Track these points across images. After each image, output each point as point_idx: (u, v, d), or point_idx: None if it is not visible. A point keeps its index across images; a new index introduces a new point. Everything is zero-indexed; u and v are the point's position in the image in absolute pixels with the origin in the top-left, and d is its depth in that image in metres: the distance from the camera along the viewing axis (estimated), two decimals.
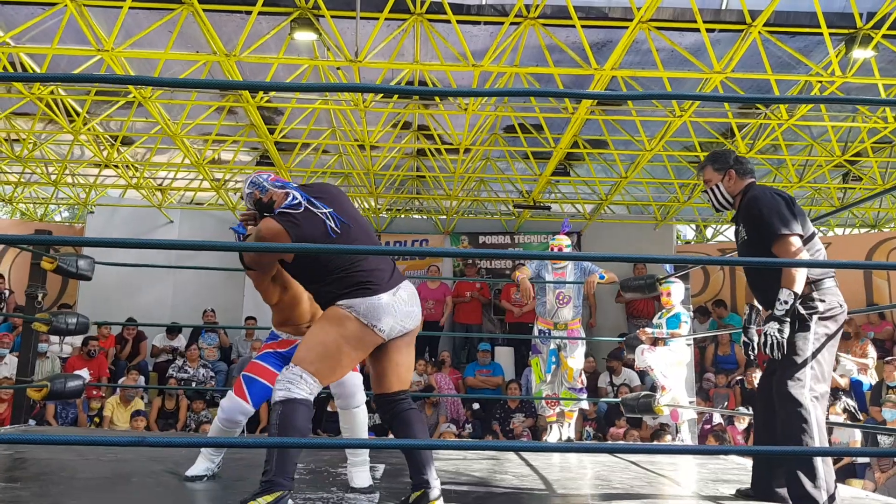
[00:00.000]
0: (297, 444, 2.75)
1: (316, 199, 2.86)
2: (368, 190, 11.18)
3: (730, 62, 6.80)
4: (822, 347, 3.00)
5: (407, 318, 2.86)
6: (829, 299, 3.05)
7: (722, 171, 3.31)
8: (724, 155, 3.37)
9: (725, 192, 3.31)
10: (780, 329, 2.93)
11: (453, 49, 6.97)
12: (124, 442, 2.84)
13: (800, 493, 2.82)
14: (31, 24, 6.85)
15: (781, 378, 2.99)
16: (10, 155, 10.14)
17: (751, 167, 3.33)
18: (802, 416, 2.89)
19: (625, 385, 9.45)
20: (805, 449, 2.84)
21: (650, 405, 5.62)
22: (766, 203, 3.09)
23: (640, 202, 12.16)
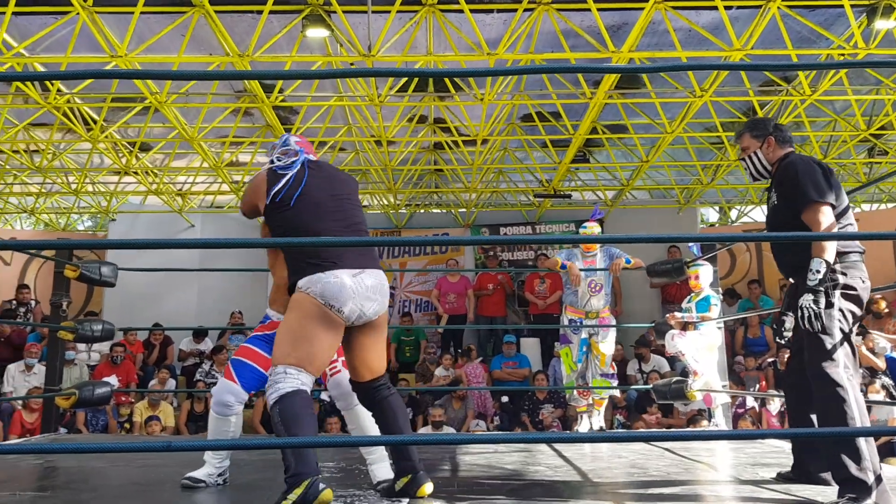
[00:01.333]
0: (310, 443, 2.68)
1: (311, 173, 2.96)
2: (387, 186, 11.13)
3: (749, 39, 6.66)
4: (848, 324, 2.90)
5: (366, 304, 2.83)
6: (851, 273, 2.95)
7: (761, 137, 3.21)
8: (764, 122, 3.26)
9: (764, 159, 3.21)
10: (815, 300, 2.82)
11: (467, 39, 6.90)
12: (141, 448, 2.80)
13: (845, 475, 2.72)
14: (45, 34, 6.86)
15: (814, 358, 2.89)
16: (31, 165, 10.21)
17: (790, 136, 3.23)
18: (841, 395, 2.78)
19: (654, 372, 9.34)
20: (843, 430, 2.74)
21: (682, 391, 5.53)
22: (802, 168, 3.00)
23: (662, 186, 12.01)
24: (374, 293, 2.84)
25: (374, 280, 2.85)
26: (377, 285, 2.86)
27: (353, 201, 3.04)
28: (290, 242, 2.92)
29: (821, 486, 3.04)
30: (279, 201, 2.91)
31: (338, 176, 3.09)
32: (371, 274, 2.85)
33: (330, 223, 2.89)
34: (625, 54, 6.87)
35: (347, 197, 3.02)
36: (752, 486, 3.30)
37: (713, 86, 7.77)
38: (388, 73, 2.49)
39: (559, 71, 2.61)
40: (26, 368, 8.82)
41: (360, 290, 2.80)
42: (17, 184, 11.64)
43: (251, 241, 2.52)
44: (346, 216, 2.95)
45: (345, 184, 3.07)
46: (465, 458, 4.17)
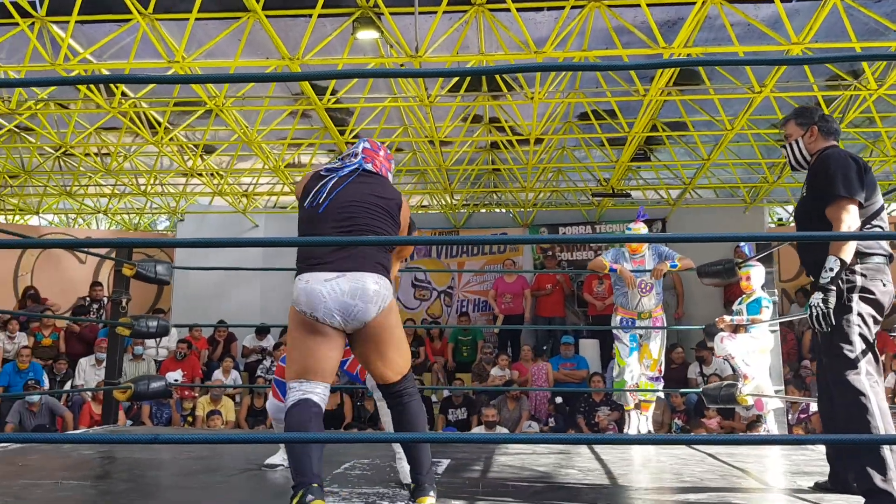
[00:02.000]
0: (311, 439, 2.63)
1: (354, 181, 2.91)
2: (443, 186, 11.16)
3: (809, 32, 6.43)
4: (870, 329, 2.78)
5: (343, 309, 2.69)
6: (871, 275, 2.82)
7: (805, 126, 3.13)
8: (810, 111, 3.17)
9: (804, 148, 3.11)
10: (824, 299, 2.72)
11: (516, 38, 6.87)
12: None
13: (869, 487, 2.62)
14: (109, 41, 7.14)
15: (834, 366, 2.79)
16: (101, 168, 10.63)
17: (836, 128, 3.11)
18: (863, 404, 2.68)
19: (715, 375, 9.11)
20: (868, 438, 2.62)
21: (733, 395, 5.37)
22: (836, 161, 2.90)
23: (727, 185, 11.71)
24: (351, 298, 2.69)
25: (352, 284, 2.69)
26: (356, 289, 2.69)
27: (373, 212, 2.87)
28: (296, 241, 2.90)
29: (856, 495, 2.93)
30: (312, 205, 2.86)
31: (376, 190, 2.93)
32: (351, 278, 2.70)
33: (328, 228, 2.79)
34: (679, 50, 6.72)
35: (369, 207, 2.86)
36: (782, 495, 3.21)
37: (772, 80, 7.53)
38: (424, 74, 2.50)
39: (599, 68, 2.55)
40: (97, 362, 9.19)
41: (333, 294, 2.68)
42: (92, 185, 12.13)
43: (254, 239, 2.57)
44: (351, 222, 2.82)
45: (377, 196, 2.91)
46: (500, 459, 4.15)
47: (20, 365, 8.84)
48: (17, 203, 12.98)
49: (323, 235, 2.78)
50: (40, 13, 6.84)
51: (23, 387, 8.52)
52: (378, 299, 2.73)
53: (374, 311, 2.73)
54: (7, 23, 6.95)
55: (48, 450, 4.25)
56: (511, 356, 10.20)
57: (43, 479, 3.35)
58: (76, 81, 2.62)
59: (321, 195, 2.85)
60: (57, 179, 11.83)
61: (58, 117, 9.44)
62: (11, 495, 2.98)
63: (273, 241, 2.70)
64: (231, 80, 3.48)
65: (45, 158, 11.22)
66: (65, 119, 9.40)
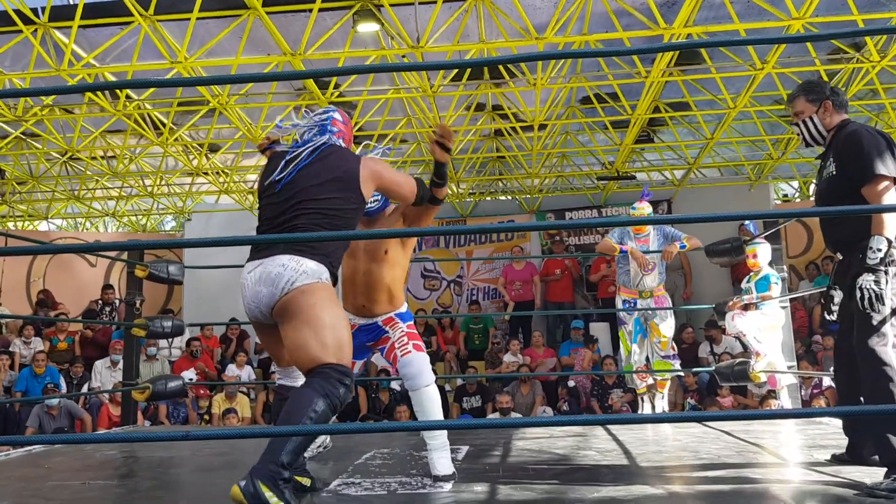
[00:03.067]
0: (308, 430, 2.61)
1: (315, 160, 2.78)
2: (449, 175, 11.17)
3: (809, 7, 6.42)
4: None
5: (254, 297, 2.65)
6: None
7: (817, 101, 3.06)
8: (819, 85, 3.11)
9: (820, 124, 3.06)
10: (875, 280, 2.71)
11: (516, 25, 6.87)
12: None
13: (892, 457, 2.65)
14: (111, 44, 7.18)
15: (862, 336, 2.79)
16: (107, 171, 10.69)
17: (846, 100, 3.08)
18: (888, 374, 2.70)
19: (726, 353, 9.14)
20: (888, 408, 2.65)
21: (745, 372, 5.41)
22: (868, 140, 2.84)
23: (731, 163, 11.70)
24: (261, 284, 2.62)
25: (262, 269, 2.62)
26: (263, 274, 2.61)
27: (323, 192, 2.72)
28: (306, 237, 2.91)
29: (873, 467, 2.96)
30: (266, 187, 2.80)
31: (328, 164, 2.78)
32: (264, 263, 2.63)
33: (277, 211, 2.72)
34: (679, 30, 6.72)
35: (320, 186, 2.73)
36: (801, 469, 3.24)
37: (773, 57, 7.52)
38: (426, 67, 2.53)
39: (601, 54, 2.55)
40: (112, 364, 9.26)
41: (248, 284, 2.66)
42: (99, 189, 12.20)
43: (237, 238, 2.60)
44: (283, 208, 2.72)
45: (331, 171, 2.77)
46: (517, 444, 4.20)
47: (37, 370, 8.92)
48: (27, 209, 13.06)
49: (270, 218, 2.73)
50: (43, 19, 6.88)
51: (41, 391, 8.60)
52: (281, 281, 2.59)
53: (278, 293, 2.59)
54: (10, 30, 6.99)
55: (71, 451, 4.32)
56: (522, 342, 10.25)
57: (70, 480, 3.40)
58: (82, 89, 2.64)
59: (277, 175, 2.77)
60: (64, 184, 11.90)
61: (63, 122, 9.49)
62: (42, 497, 3.04)
63: (283, 239, 2.72)
64: (234, 80, 3.50)
65: (53, 164, 11.29)
66: (70, 124, 9.46)
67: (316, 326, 2.54)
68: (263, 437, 2.66)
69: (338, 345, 2.56)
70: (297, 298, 2.57)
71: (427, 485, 3.04)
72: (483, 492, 2.89)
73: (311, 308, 2.56)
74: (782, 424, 4.70)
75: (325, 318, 2.56)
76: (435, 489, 2.95)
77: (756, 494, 2.69)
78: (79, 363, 9.53)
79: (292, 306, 2.57)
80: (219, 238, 2.84)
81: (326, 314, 2.57)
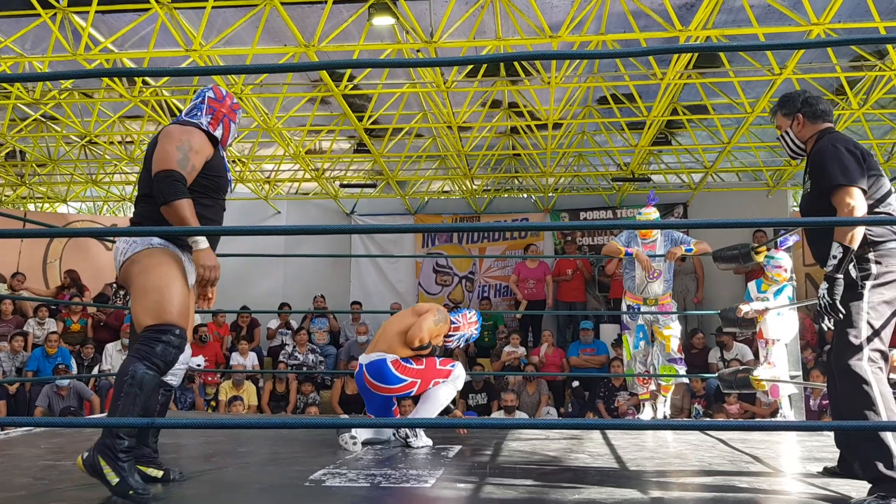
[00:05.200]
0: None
1: None
2: (463, 171, 11.17)
3: (830, 12, 6.33)
4: (880, 315, 2.73)
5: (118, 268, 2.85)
6: (886, 262, 2.77)
7: (790, 116, 3.06)
8: (792, 98, 3.09)
9: (795, 137, 3.05)
10: (829, 289, 2.70)
11: (531, 23, 6.84)
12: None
13: (875, 474, 2.61)
14: (129, 30, 7.23)
15: (838, 351, 2.77)
16: (124, 156, 10.77)
17: (823, 108, 3.02)
18: (865, 391, 2.66)
19: (736, 360, 9.07)
20: (868, 424, 2.62)
21: (748, 380, 5.36)
22: (829, 154, 2.82)
23: (750, 168, 11.58)
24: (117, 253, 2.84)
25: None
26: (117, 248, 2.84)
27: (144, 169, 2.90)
28: (312, 229, 2.94)
29: (863, 481, 2.92)
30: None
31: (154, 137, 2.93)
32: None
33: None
34: (696, 32, 6.66)
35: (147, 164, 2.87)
36: (790, 480, 3.21)
37: (792, 62, 7.43)
38: (439, 63, 2.52)
39: (617, 55, 2.53)
40: (123, 348, 9.34)
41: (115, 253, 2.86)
42: (117, 173, 12.31)
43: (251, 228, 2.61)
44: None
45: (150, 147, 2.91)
46: (511, 444, 4.19)
47: (49, 350, 9.03)
48: (46, 191, 13.21)
49: None
50: (62, 4, 6.94)
51: (52, 371, 8.70)
52: (117, 254, 2.81)
53: (118, 266, 2.82)
54: (30, 14, 7.06)
55: (72, 433, 4.36)
56: (523, 337, 10.24)
57: (63, 461, 3.43)
58: (98, 74, 2.67)
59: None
60: (83, 168, 12.01)
61: (82, 106, 9.57)
62: (31, 476, 3.07)
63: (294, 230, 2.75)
64: (248, 70, 3.51)
65: (71, 147, 11.40)
66: (88, 108, 9.54)
67: (139, 293, 2.70)
68: (256, 427, 2.67)
69: (157, 306, 2.65)
70: (127, 269, 2.77)
71: (411, 479, 3.04)
72: (465, 489, 2.89)
73: (136, 276, 2.72)
74: (783, 435, 4.65)
75: (147, 283, 2.69)
76: (418, 484, 2.95)
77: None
78: (89, 345, 9.63)
79: (125, 275, 2.78)
80: (230, 227, 2.88)
81: (149, 278, 2.69)
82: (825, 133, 2.99)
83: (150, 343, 2.58)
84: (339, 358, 10.42)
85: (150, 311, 2.64)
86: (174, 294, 2.68)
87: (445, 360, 4.20)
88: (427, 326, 4.04)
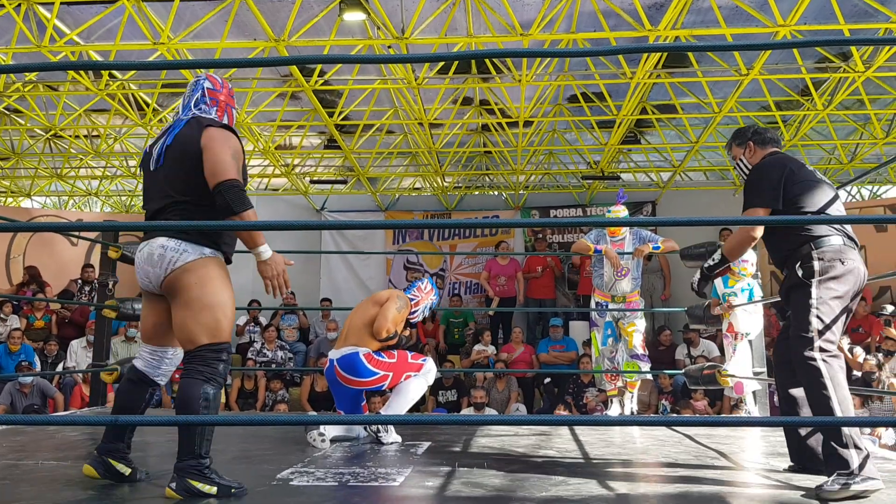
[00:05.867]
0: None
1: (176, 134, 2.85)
2: (434, 168, 11.16)
3: (796, 14, 6.43)
4: (830, 310, 2.88)
5: (144, 275, 2.81)
6: (828, 257, 2.92)
7: (742, 145, 3.35)
8: (743, 131, 3.41)
9: (747, 162, 3.31)
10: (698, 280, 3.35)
11: (502, 21, 6.85)
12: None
13: (834, 462, 2.71)
14: (95, 22, 7.11)
15: (795, 345, 2.91)
16: (90, 150, 10.61)
17: (771, 136, 3.33)
18: (820, 380, 2.79)
19: (702, 357, 9.19)
20: (832, 419, 2.70)
21: (714, 377, 5.43)
22: (754, 173, 3.17)
23: (717, 167, 11.71)
24: (147, 263, 2.77)
25: (147, 250, 2.78)
26: (149, 254, 2.76)
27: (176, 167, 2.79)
28: (269, 224, 2.93)
29: (815, 475, 2.98)
30: (146, 167, 2.95)
31: (181, 138, 2.81)
32: (149, 244, 2.77)
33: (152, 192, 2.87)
34: (666, 32, 6.72)
35: (175, 161, 2.80)
36: (752, 474, 3.26)
37: (759, 63, 7.53)
38: (407, 59, 2.51)
39: (587, 54, 2.54)
40: (88, 344, 9.20)
41: (139, 262, 2.82)
42: (83, 168, 12.12)
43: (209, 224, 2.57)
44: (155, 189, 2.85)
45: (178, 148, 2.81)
46: (480, 440, 4.20)
47: (11, 347, 8.86)
48: (9, 185, 12.96)
49: (145, 199, 2.90)
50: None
51: (15, 368, 8.55)
52: (164, 262, 2.72)
53: (162, 273, 2.73)
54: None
55: (35, 431, 4.30)
56: (503, 338, 10.27)
57: (24, 460, 3.38)
58: (63, 67, 2.63)
59: (152, 157, 2.89)
60: (48, 162, 11.81)
61: (46, 99, 9.41)
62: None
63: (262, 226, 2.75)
64: (217, 65, 3.46)
65: (36, 140, 11.20)
66: (53, 101, 9.38)
67: (196, 307, 2.69)
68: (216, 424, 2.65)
69: (216, 325, 2.71)
70: (180, 278, 2.71)
71: (379, 477, 3.03)
72: (433, 486, 2.89)
73: (191, 288, 2.70)
74: (748, 431, 4.72)
75: (204, 298, 2.70)
76: (386, 482, 2.95)
77: (702, 498, 2.70)
78: (53, 342, 9.47)
79: (177, 284, 2.72)
80: (198, 223, 2.83)
81: (206, 292, 2.71)
82: (769, 156, 3.24)
83: (212, 364, 2.69)
84: (309, 355, 10.36)
85: (208, 329, 2.70)
86: (229, 311, 2.76)
87: (417, 355, 4.23)
88: (391, 316, 4.09)
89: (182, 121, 2.87)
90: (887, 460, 3.60)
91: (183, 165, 2.76)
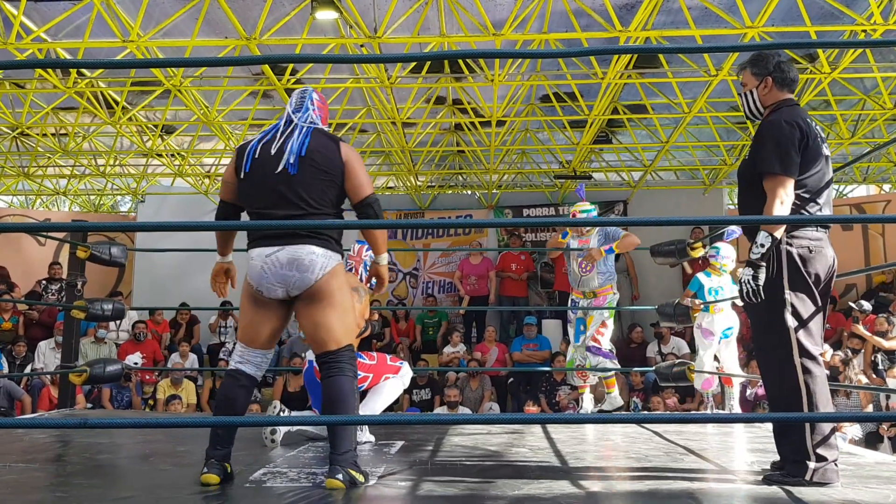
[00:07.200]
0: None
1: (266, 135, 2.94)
2: (407, 167, 11.16)
3: (764, 16, 6.52)
4: (804, 301, 2.81)
5: (281, 281, 2.83)
6: (797, 243, 2.82)
7: (760, 76, 2.94)
8: (766, 59, 2.95)
9: (758, 100, 2.96)
10: (754, 275, 2.75)
11: (475, 20, 6.87)
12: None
13: (791, 455, 2.78)
14: (63, 18, 7.01)
15: (764, 342, 2.89)
16: (57, 149, 10.46)
17: (793, 77, 2.93)
18: (795, 379, 2.77)
19: (672, 354, 9.28)
20: (811, 415, 2.72)
21: (684, 374, 5.49)
22: (772, 131, 2.81)
23: (687, 167, 11.84)
24: (289, 269, 2.81)
25: (289, 256, 2.80)
26: (293, 260, 2.80)
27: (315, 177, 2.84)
28: (249, 225, 2.92)
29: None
30: (246, 170, 2.91)
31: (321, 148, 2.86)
32: (289, 250, 2.80)
33: (254, 200, 2.91)
34: (636, 33, 6.78)
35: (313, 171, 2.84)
36: (722, 471, 3.30)
37: (727, 64, 7.63)
38: (381, 59, 2.51)
39: (558, 55, 2.57)
40: (56, 345, 9.08)
41: (273, 268, 2.82)
42: (50, 166, 11.94)
43: (193, 223, 2.57)
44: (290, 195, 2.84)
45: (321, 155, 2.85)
46: (453, 439, 4.22)
47: None
48: None
49: (266, 202, 2.87)
50: None
51: None
52: (315, 267, 2.83)
53: (312, 278, 2.84)
54: None
55: (1, 433, 4.23)
56: (463, 335, 10.31)
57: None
58: (30, 65, 2.62)
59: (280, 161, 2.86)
60: (14, 160, 11.63)
61: (13, 97, 9.27)
62: None
63: (233, 226, 2.76)
64: (187, 64, 3.44)
65: (2, 139, 11.02)
66: (20, 99, 9.24)
67: (340, 310, 2.90)
68: (172, 427, 2.64)
69: (353, 328, 3.07)
70: (328, 282, 2.86)
71: None
72: (405, 486, 2.90)
73: (338, 292, 2.89)
74: (722, 427, 4.79)
75: (347, 306, 2.95)
76: (359, 483, 2.95)
77: (671, 494, 2.73)
78: (21, 343, 9.34)
79: (325, 288, 2.85)
80: (168, 223, 2.84)
81: (346, 297, 2.94)
82: (784, 105, 2.93)
83: (353, 363, 2.92)
84: (282, 355, 10.31)
85: (349, 331, 2.96)
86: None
87: (395, 358, 4.27)
88: (359, 310, 4.04)
89: (301, 127, 2.91)
90: (853, 455, 3.68)
91: (322, 176, 2.86)
